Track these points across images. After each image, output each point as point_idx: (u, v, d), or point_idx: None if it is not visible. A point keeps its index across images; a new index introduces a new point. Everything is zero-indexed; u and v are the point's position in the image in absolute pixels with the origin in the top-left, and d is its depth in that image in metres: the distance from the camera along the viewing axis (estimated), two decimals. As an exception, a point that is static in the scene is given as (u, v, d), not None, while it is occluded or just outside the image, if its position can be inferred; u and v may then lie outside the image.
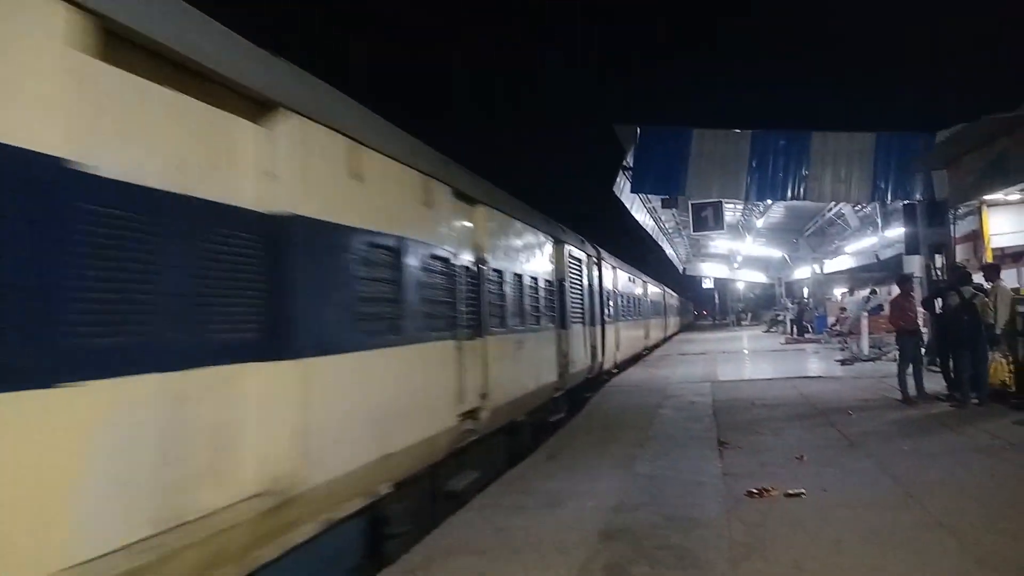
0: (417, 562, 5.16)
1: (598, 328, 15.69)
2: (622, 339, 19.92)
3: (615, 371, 19.01)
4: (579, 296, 13.80)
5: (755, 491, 6.50)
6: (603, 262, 17.02)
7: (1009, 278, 12.79)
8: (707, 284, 69.24)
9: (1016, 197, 13.92)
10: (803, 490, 6.44)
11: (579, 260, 14.00)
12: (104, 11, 2.99)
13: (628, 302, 22.54)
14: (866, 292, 27.00)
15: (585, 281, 14.48)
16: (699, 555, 4.97)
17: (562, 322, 12.03)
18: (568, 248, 12.83)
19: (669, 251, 42.40)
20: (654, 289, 33.04)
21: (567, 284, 12.50)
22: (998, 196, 13.58)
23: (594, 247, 16.25)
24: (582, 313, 13.92)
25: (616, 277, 19.48)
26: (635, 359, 23.93)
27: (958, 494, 6.16)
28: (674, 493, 6.71)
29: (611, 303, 18.17)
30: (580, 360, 13.43)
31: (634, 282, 24.48)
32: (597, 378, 16.22)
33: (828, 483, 6.71)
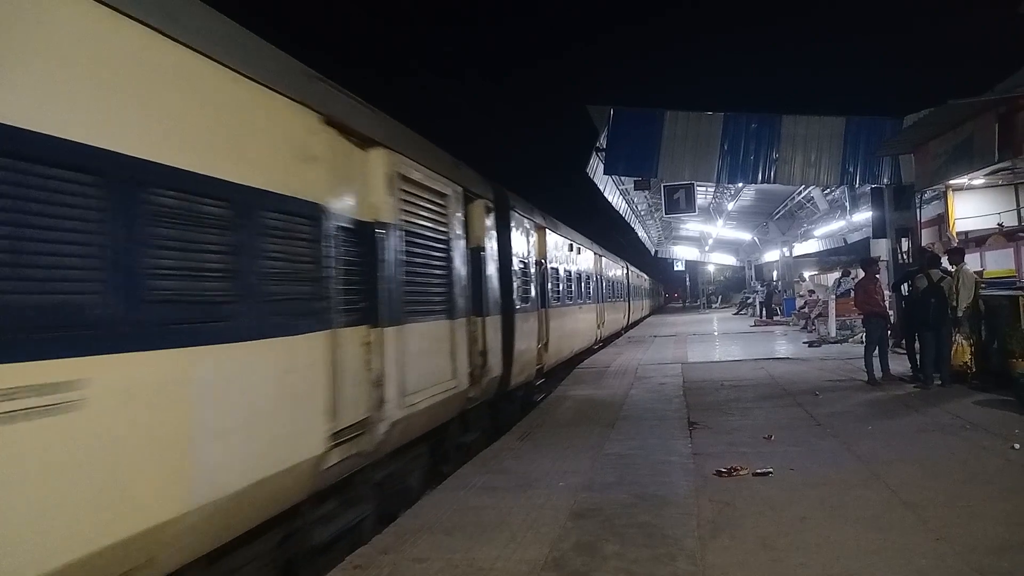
0: (389, 542, 5.17)
1: (494, 319, 9.55)
2: (555, 335, 14.00)
3: (540, 382, 13.26)
4: (442, 263, 7.66)
5: (724, 470, 6.59)
6: (515, 214, 11.10)
7: (972, 262, 13.03)
8: (679, 267, 69.69)
9: (980, 182, 14.20)
10: (771, 469, 6.55)
11: (442, 197, 7.71)
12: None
13: (567, 280, 15.96)
14: (837, 275, 27.29)
15: (458, 238, 8.21)
16: (668, 533, 5.03)
17: (373, 313, 5.85)
18: (397, 163, 6.45)
19: (641, 233, 42.62)
20: (612, 266, 26.58)
21: (396, 237, 6.33)
22: (963, 181, 13.83)
23: (490, 185, 9.94)
24: (449, 295, 7.77)
25: (542, 242, 13.34)
26: (582, 356, 18.63)
27: (920, 472, 6.29)
28: (644, 473, 6.77)
29: (529, 281, 11.91)
30: (437, 383, 7.12)
31: (578, 253, 17.92)
32: (505, 397, 10.52)
33: (795, 462, 6.82)
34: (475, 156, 11.06)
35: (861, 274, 12.97)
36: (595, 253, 21.31)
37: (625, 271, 31.87)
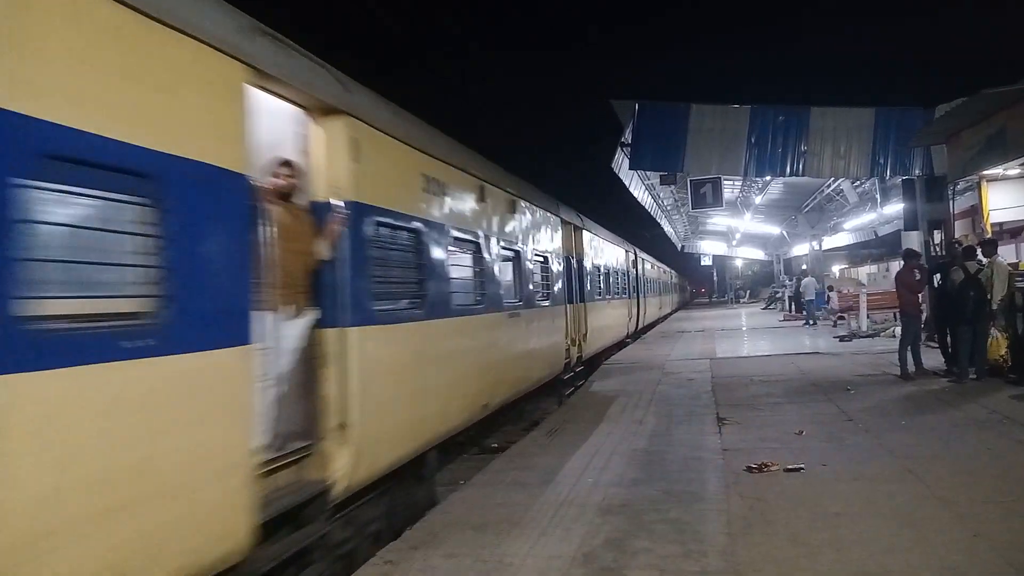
0: (420, 537, 5.20)
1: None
2: (389, 385, 5.76)
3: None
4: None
5: (754, 466, 6.54)
6: None
7: (1007, 253, 12.79)
8: (705, 261, 69.19)
9: (1015, 172, 13.87)
10: (802, 464, 6.48)
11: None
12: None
13: (472, 265, 8.26)
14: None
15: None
16: (699, 529, 5.00)
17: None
18: None
19: (667, 228, 42.37)
20: (609, 250, 19.59)
21: None
22: (997, 171, 13.53)
23: None
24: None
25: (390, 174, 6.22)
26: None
27: (955, 468, 6.20)
28: (673, 468, 6.75)
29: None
30: None
31: (523, 214, 10.50)
32: None
33: (827, 458, 6.74)
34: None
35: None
36: (575, 227, 14.58)
37: (632, 258, 24.67)
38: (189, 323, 3.55)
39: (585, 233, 15.59)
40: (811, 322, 26.00)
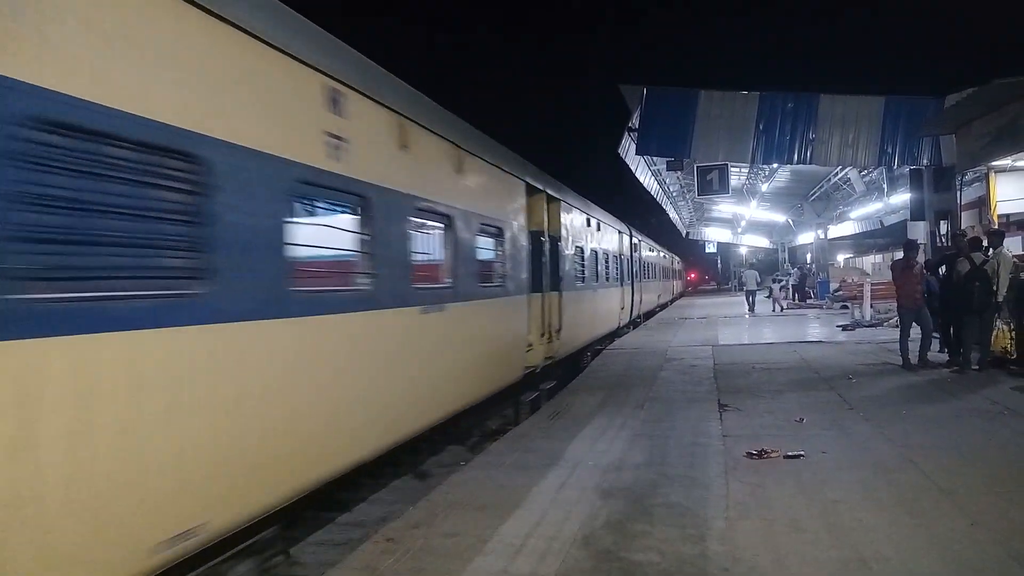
0: (421, 517, 5.24)
1: None
2: None
3: None
4: None
5: (754, 452, 6.57)
6: None
7: (1015, 245, 12.75)
8: (710, 248, 68.99)
9: (1025, 163, 13.83)
10: (802, 452, 6.51)
11: None
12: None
13: None
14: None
15: None
16: (698, 513, 5.03)
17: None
18: None
19: (673, 215, 42.26)
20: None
21: None
22: (1006, 162, 13.50)
23: None
24: None
25: None
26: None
27: (956, 458, 6.21)
28: (674, 453, 6.78)
29: None
30: None
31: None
32: None
33: (827, 445, 6.77)
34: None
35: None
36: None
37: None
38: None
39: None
40: (752, 311, 28.38)
